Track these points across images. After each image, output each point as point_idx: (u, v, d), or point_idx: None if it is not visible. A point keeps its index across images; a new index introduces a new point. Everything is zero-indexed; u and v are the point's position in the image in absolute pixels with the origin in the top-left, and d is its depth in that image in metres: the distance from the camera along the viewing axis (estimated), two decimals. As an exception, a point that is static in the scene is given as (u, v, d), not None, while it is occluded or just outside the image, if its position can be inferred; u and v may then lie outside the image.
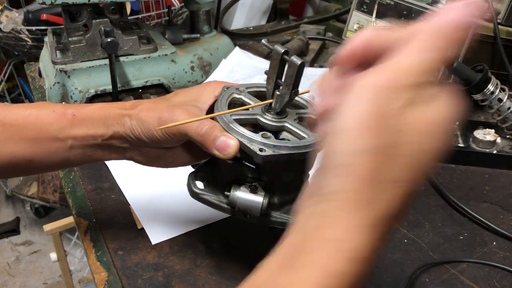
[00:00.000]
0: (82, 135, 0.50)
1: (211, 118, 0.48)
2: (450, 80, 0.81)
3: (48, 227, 1.34)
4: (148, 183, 0.71)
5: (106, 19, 0.89)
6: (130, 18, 1.25)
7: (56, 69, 0.88)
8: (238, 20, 1.59)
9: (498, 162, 0.75)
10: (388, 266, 0.57)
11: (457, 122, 0.32)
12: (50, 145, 0.50)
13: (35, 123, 0.50)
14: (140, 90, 0.94)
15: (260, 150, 0.44)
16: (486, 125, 0.79)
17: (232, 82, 0.54)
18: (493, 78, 0.75)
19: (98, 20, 0.88)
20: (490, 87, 0.74)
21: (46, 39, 1.01)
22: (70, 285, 1.49)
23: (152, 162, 0.54)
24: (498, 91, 0.74)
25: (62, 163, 0.52)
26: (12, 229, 2.13)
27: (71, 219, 1.33)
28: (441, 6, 0.86)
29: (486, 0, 0.32)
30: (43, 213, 2.17)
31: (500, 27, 0.86)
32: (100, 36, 0.87)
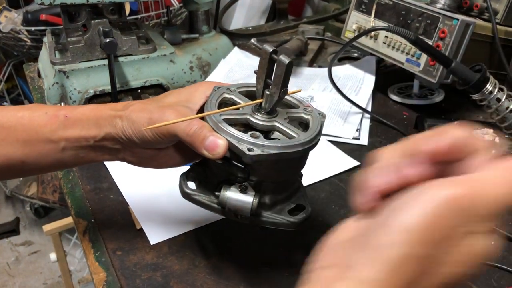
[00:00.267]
0: (74, 137, 0.50)
1: (201, 118, 0.48)
2: (449, 80, 0.81)
3: (47, 227, 1.34)
4: (147, 184, 0.71)
5: (105, 20, 0.89)
6: (129, 18, 1.25)
7: (55, 69, 0.88)
8: (237, 20, 1.59)
9: (497, 162, 0.75)
10: (387, 266, 0.57)
11: None
12: (43, 146, 0.50)
13: (28, 125, 0.50)
14: (139, 91, 0.94)
15: (249, 149, 0.44)
16: (485, 124, 0.79)
17: (224, 83, 0.54)
18: (491, 78, 0.75)
19: (97, 21, 0.88)
20: (489, 87, 0.74)
21: (45, 39, 1.01)
22: (70, 285, 1.49)
23: (144, 163, 0.54)
24: (496, 91, 0.74)
25: (55, 164, 0.53)
26: (11, 229, 2.13)
27: (70, 220, 1.32)
28: (439, 6, 0.86)
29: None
30: (43, 213, 2.17)
31: (498, 27, 0.86)
32: (99, 36, 0.87)
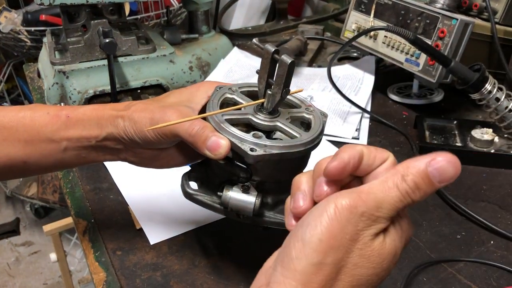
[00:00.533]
0: (76, 137, 0.50)
1: (203, 118, 0.47)
2: (448, 80, 0.82)
3: (47, 227, 1.35)
4: (146, 184, 0.72)
5: (105, 20, 0.89)
6: (129, 18, 1.25)
7: (55, 69, 0.89)
8: (237, 20, 1.59)
9: (496, 161, 0.75)
10: (386, 265, 0.57)
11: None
12: (45, 146, 0.50)
13: (30, 125, 0.50)
14: (138, 91, 0.94)
15: (251, 150, 0.44)
16: (484, 124, 0.80)
17: (225, 82, 0.54)
18: (490, 77, 0.75)
19: (96, 21, 0.88)
20: (488, 87, 0.74)
21: (45, 39, 1.01)
22: (70, 285, 1.49)
23: (146, 163, 0.54)
24: (495, 90, 0.74)
25: (56, 164, 0.53)
26: (12, 229, 2.13)
27: (70, 220, 1.32)
28: (438, 6, 0.86)
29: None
30: (43, 213, 2.17)
31: (497, 26, 0.86)
32: (99, 36, 0.87)
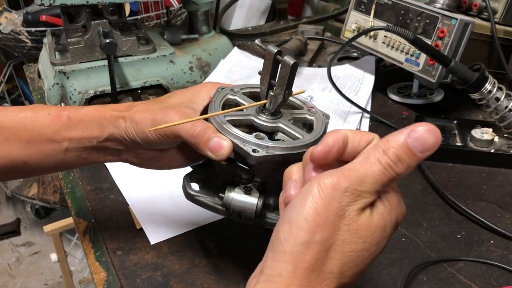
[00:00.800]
0: (77, 137, 0.50)
1: (205, 119, 0.47)
2: (448, 80, 0.82)
3: (48, 227, 1.35)
4: (146, 184, 0.72)
5: (105, 20, 0.89)
6: (129, 19, 1.25)
7: (55, 70, 0.89)
8: (237, 20, 1.60)
9: (496, 161, 0.75)
10: (386, 265, 0.57)
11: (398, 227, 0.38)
12: (46, 147, 0.50)
13: (31, 126, 0.50)
14: (139, 91, 0.94)
15: (253, 151, 0.44)
16: (484, 124, 0.80)
17: (228, 83, 0.54)
18: (490, 77, 0.75)
19: (96, 21, 0.88)
20: (488, 86, 0.74)
21: (45, 40, 1.01)
22: (71, 285, 1.49)
23: (147, 164, 0.54)
24: (495, 90, 0.74)
25: (57, 165, 0.52)
26: (12, 230, 2.13)
27: (71, 220, 1.32)
28: (438, 6, 0.86)
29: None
30: (44, 214, 2.17)
31: (497, 26, 0.86)
32: (99, 37, 0.87)
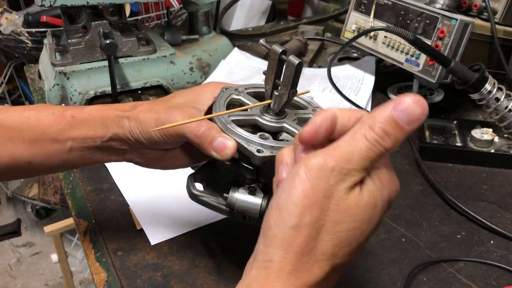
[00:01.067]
0: (81, 137, 0.50)
1: (209, 119, 0.47)
2: (448, 80, 0.82)
3: (48, 228, 1.35)
4: (147, 184, 0.72)
5: (105, 21, 0.89)
6: (130, 19, 1.25)
7: (56, 71, 0.89)
8: (237, 20, 1.60)
9: (496, 161, 0.75)
10: (386, 265, 0.57)
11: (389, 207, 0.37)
12: (50, 147, 0.50)
13: (35, 125, 0.50)
14: (139, 92, 0.94)
15: (258, 151, 0.44)
16: (484, 124, 0.80)
17: (231, 83, 0.54)
18: (490, 77, 0.75)
19: (97, 22, 0.88)
20: (487, 87, 0.74)
21: (46, 41, 1.01)
22: (71, 286, 1.50)
23: (151, 164, 0.54)
24: (495, 90, 0.74)
25: (61, 165, 0.53)
26: (13, 230, 2.13)
27: (71, 220, 1.33)
28: (438, 6, 0.86)
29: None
30: (44, 214, 2.17)
31: (497, 26, 0.86)
32: (99, 38, 0.87)
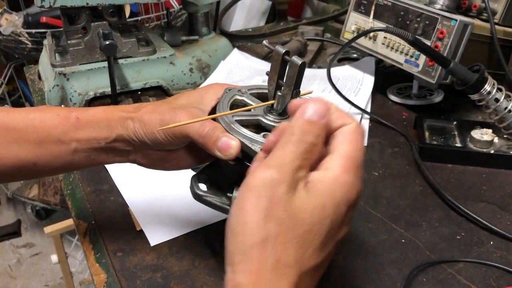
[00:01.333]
0: (86, 138, 0.51)
1: (213, 119, 0.48)
2: (448, 81, 0.82)
3: (49, 229, 1.35)
4: (146, 185, 0.72)
5: (105, 22, 0.89)
6: (129, 20, 1.25)
7: (55, 71, 0.89)
8: (237, 21, 1.60)
9: (496, 162, 0.75)
10: (385, 266, 0.57)
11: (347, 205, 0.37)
12: (54, 148, 0.51)
13: (40, 127, 0.51)
14: (139, 92, 0.94)
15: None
16: (483, 125, 0.80)
17: (234, 85, 0.54)
18: (489, 78, 0.75)
19: (96, 23, 0.88)
20: (487, 87, 0.74)
21: (45, 42, 1.01)
22: (71, 287, 1.50)
23: (155, 165, 0.54)
24: (495, 91, 0.74)
25: (66, 166, 0.53)
26: (13, 231, 2.13)
27: (71, 221, 1.33)
28: (438, 7, 0.86)
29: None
30: (44, 215, 2.17)
31: (497, 27, 0.86)
32: (99, 38, 0.88)
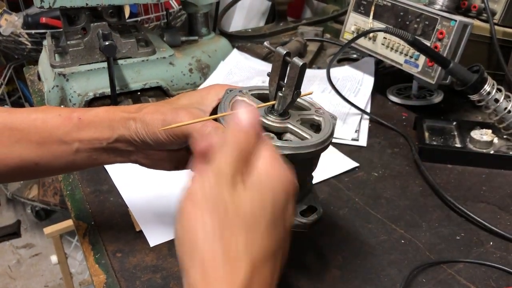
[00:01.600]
0: (88, 139, 0.51)
1: (214, 119, 0.48)
2: (447, 81, 0.82)
3: (48, 229, 1.35)
4: (146, 186, 0.72)
5: (104, 23, 0.89)
6: (129, 21, 1.25)
7: (55, 72, 0.89)
8: (237, 22, 1.60)
9: (495, 163, 0.75)
10: (385, 266, 0.57)
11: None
12: (57, 148, 0.51)
13: (42, 127, 0.51)
14: (138, 93, 0.94)
15: None
16: (483, 125, 0.80)
17: (235, 85, 0.54)
18: (489, 78, 0.75)
19: (96, 24, 0.88)
20: (487, 88, 0.74)
21: (45, 42, 1.01)
22: (71, 287, 1.49)
23: (157, 165, 0.54)
24: (494, 91, 0.74)
25: (68, 166, 0.53)
26: (13, 232, 2.13)
27: (71, 222, 1.32)
28: (437, 7, 0.86)
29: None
30: (44, 216, 2.17)
31: (496, 27, 0.86)
32: (99, 39, 0.88)
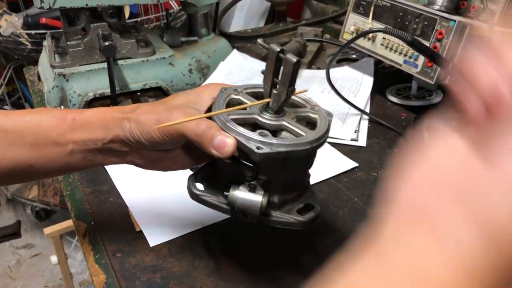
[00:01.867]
0: (82, 140, 0.50)
1: (209, 118, 0.48)
2: (447, 81, 0.82)
3: (48, 230, 1.35)
4: (146, 186, 0.72)
5: (104, 23, 0.89)
6: (129, 21, 1.25)
7: (55, 73, 0.89)
8: (237, 22, 1.60)
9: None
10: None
11: None
12: (51, 150, 0.51)
13: (36, 129, 0.50)
14: (138, 93, 0.94)
15: (258, 148, 0.44)
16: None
17: (231, 84, 0.54)
18: (488, 78, 0.75)
19: (96, 24, 0.88)
20: (486, 88, 0.74)
21: (45, 43, 1.01)
22: (71, 287, 1.50)
23: (152, 166, 0.54)
24: (494, 91, 0.74)
25: (63, 168, 0.53)
26: (13, 232, 2.13)
27: (71, 222, 1.32)
28: (436, 8, 0.86)
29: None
30: (44, 216, 2.17)
31: (495, 28, 0.86)
32: (98, 39, 0.88)
